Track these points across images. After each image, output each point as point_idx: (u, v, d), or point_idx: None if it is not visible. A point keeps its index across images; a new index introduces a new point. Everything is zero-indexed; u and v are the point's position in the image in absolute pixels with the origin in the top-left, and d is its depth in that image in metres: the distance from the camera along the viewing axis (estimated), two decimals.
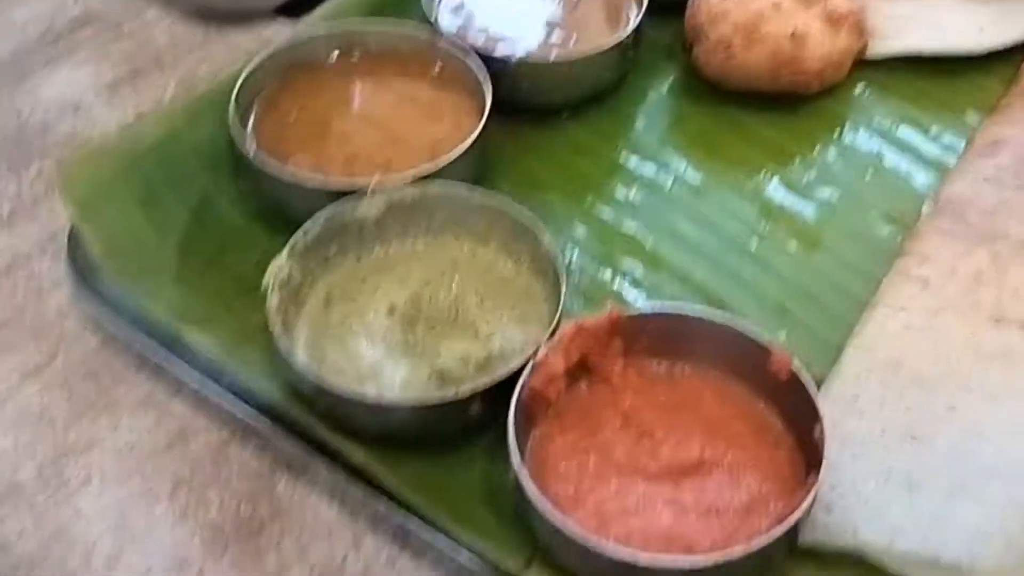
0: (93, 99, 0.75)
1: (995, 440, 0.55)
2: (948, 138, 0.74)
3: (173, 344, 0.59)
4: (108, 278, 0.61)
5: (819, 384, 0.57)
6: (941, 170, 0.72)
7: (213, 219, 0.65)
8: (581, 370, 0.56)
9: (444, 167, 0.63)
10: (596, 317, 0.56)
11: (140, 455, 0.57)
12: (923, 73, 0.79)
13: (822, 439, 0.51)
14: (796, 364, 0.54)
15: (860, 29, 0.76)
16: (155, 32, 0.81)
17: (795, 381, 0.53)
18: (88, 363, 0.60)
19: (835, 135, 0.75)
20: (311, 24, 0.72)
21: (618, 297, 0.64)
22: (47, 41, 0.80)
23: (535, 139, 0.73)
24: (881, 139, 0.75)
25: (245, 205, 0.66)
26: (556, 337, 0.55)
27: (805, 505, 0.49)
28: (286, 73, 0.69)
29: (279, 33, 0.79)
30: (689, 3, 0.77)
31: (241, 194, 0.66)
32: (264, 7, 0.82)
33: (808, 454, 0.52)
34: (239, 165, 0.65)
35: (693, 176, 0.72)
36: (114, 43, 0.80)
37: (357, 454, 0.54)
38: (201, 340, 0.59)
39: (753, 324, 0.57)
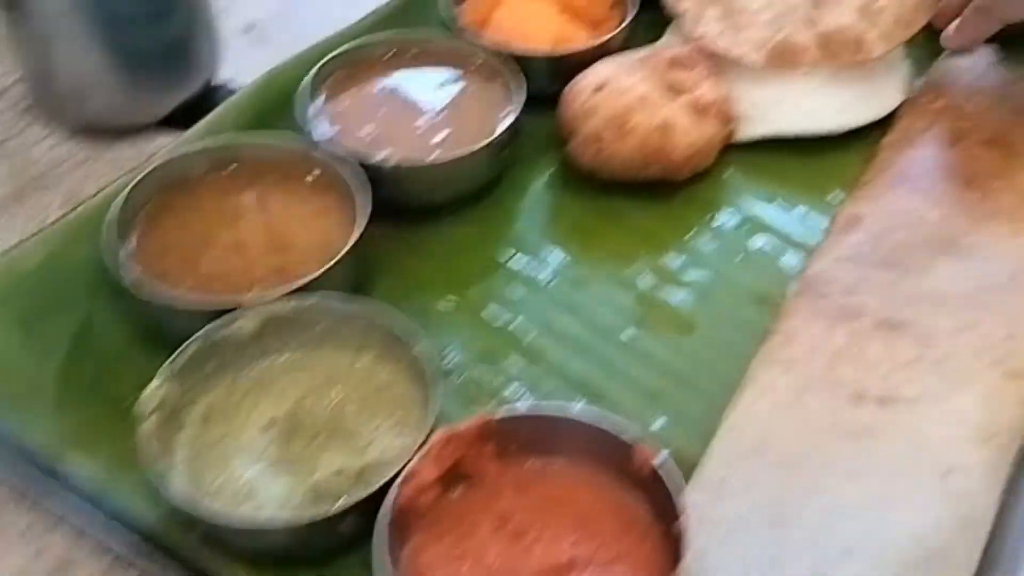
0: None
1: (856, 518, 0.57)
2: (813, 217, 0.78)
3: (52, 473, 0.59)
4: None
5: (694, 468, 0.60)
6: (807, 249, 0.75)
7: (93, 343, 0.66)
8: (456, 476, 0.58)
9: (323, 275, 0.65)
10: (467, 423, 0.57)
11: None
12: (789, 153, 0.82)
13: (682, 535, 0.52)
14: (658, 460, 0.56)
15: (726, 116, 0.79)
16: (37, 151, 0.82)
17: (658, 476, 0.55)
18: None
19: (706, 219, 0.78)
20: (187, 140, 0.74)
21: (498, 395, 0.66)
22: None
23: (416, 240, 0.74)
24: (749, 222, 0.78)
25: (126, 327, 0.67)
26: (427, 446, 0.56)
27: None
28: (164, 190, 0.70)
29: (163, 146, 0.80)
30: (561, 98, 0.80)
31: (121, 316, 0.67)
32: (147, 121, 0.83)
33: (675, 545, 0.54)
34: (117, 290, 0.66)
35: (571, 268, 0.74)
36: None
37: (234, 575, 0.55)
38: (80, 467, 0.60)
39: (629, 414, 0.59)
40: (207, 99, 0.86)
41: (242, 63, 0.90)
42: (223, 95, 0.85)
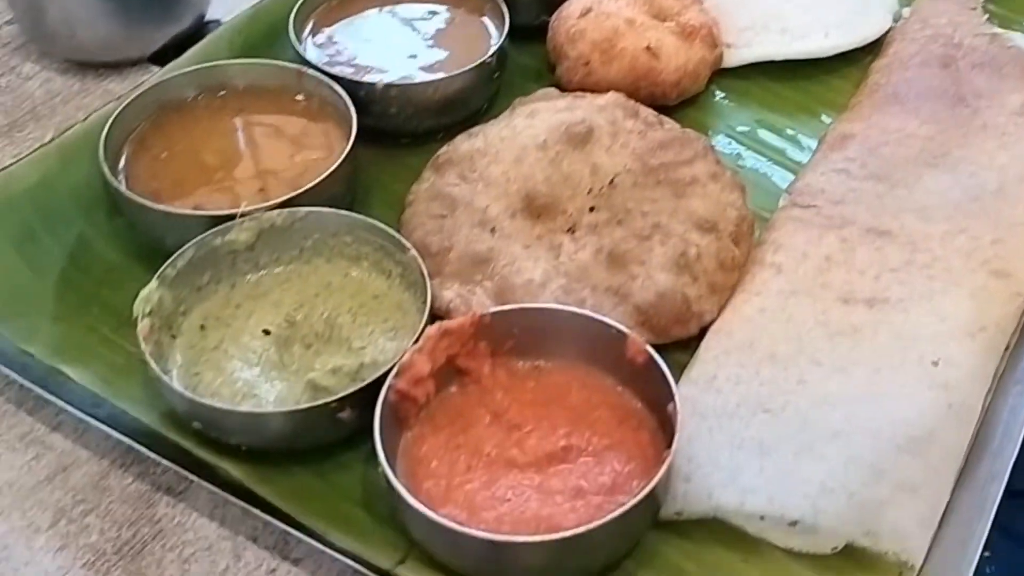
0: None
1: (841, 407, 0.58)
2: (803, 138, 0.79)
3: (52, 381, 0.60)
4: None
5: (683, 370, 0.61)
6: (797, 168, 0.76)
7: (90, 258, 0.67)
8: (451, 374, 0.58)
9: (312, 189, 0.65)
10: (460, 320, 0.58)
11: (20, 491, 0.57)
12: (778, 78, 0.83)
13: (675, 414, 0.53)
14: (649, 350, 0.56)
15: (713, 40, 0.80)
16: (31, 85, 0.82)
17: (650, 365, 0.56)
18: None
19: None
20: (177, 66, 0.74)
21: None
22: None
23: (408, 162, 0.75)
24: (740, 144, 0.78)
25: (121, 242, 0.68)
26: (420, 340, 0.57)
27: (660, 475, 0.51)
28: (155, 114, 0.71)
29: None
30: (550, 25, 0.80)
31: (116, 232, 0.68)
32: (138, 55, 0.83)
33: (668, 434, 0.54)
34: (113, 203, 0.67)
35: None
36: None
37: (234, 470, 0.55)
38: (80, 375, 0.60)
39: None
40: (199, 35, 0.86)
41: (232, 1, 0.90)
42: (214, 31, 0.86)
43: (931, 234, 0.68)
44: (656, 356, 0.56)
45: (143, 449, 0.57)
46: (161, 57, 0.83)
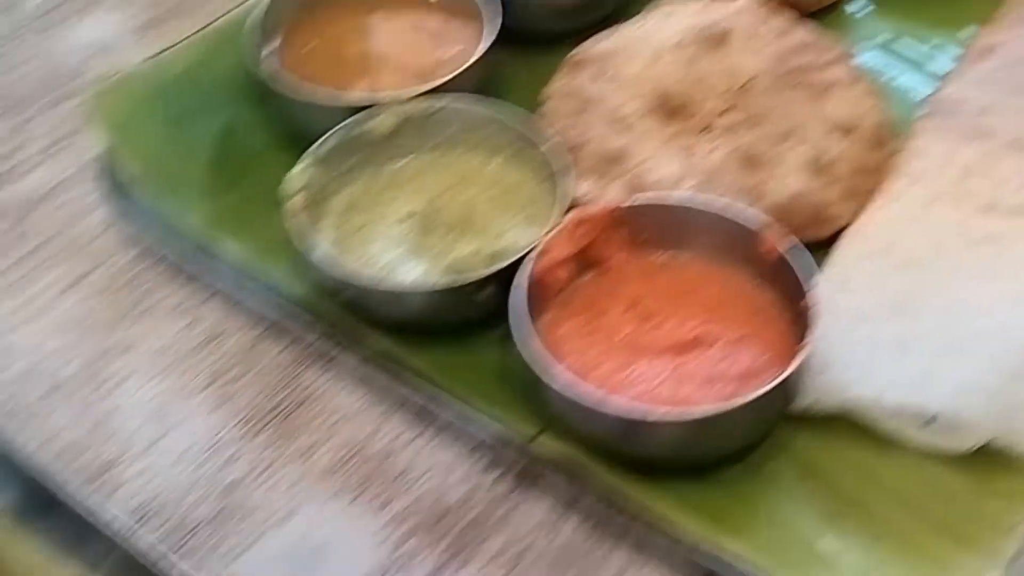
0: (122, 42, 0.80)
1: (983, 313, 0.57)
2: (947, 50, 0.77)
3: (204, 254, 0.63)
4: (142, 195, 0.65)
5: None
6: (938, 80, 0.74)
7: (238, 141, 0.70)
8: (587, 261, 0.60)
9: (450, 82, 0.66)
10: (599, 207, 0.59)
11: (176, 355, 0.61)
12: None
13: (812, 308, 0.54)
14: (785, 245, 0.57)
15: None
16: None
17: (786, 262, 0.56)
18: (126, 274, 0.65)
19: None
20: None
21: None
22: None
23: (545, 62, 0.75)
24: (881, 54, 0.77)
25: (267, 131, 0.70)
26: (559, 226, 0.58)
27: (796, 363, 0.52)
28: (304, 5, 0.73)
29: None
30: None
31: (262, 121, 0.70)
32: None
33: (802, 328, 0.55)
34: (259, 91, 0.69)
35: None
36: None
37: (380, 342, 0.58)
38: (231, 249, 0.63)
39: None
40: None
41: None
42: None
43: None
44: (791, 255, 0.56)
45: (292, 319, 0.59)
46: None
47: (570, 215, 0.58)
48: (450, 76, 0.66)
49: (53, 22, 0.81)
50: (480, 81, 0.69)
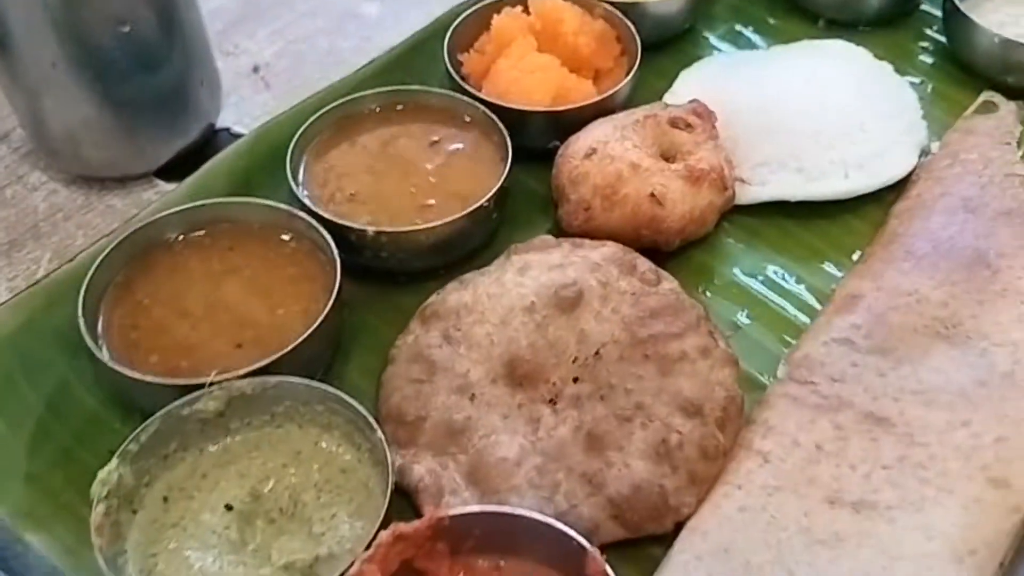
0: None
1: None
2: (812, 290, 0.75)
3: (12, 547, 0.60)
4: None
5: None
6: (802, 326, 0.73)
7: (68, 406, 0.67)
8: (410, 573, 0.57)
9: (289, 353, 0.64)
10: (418, 522, 0.56)
11: None
12: (794, 216, 0.80)
13: None
14: (608, 571, 0.54)
15: (723, 183, 0.77)
16: (36, 197, 0.82)
17: None
18: None
19: (698, 289, 0.75)
20: (171, 201, 0.73)
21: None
22: None
23: (400, 303, 0.73)
24: (743, 294, 0.75)
25: (101, 389, 0.67)
26: (372, 548, 0.55)
27: None
28: (141, 255, 0.71)
29: (163, 192, 0.81)
30: (555, 161, 0.78)
31: (92, 384, 0.67)
32: (145, 169, 0.83)
33: None
34: (92, 356, 0.66)
35: None
36: None
37: None
38: (41, 541, 0.60)
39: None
40: (208, 145, 0.85)
41: (246, 106, 0.90)
42: (225, 140, 0.85)
43: (931, 424, 0.64)
44: None
45: None
46: (167, 171, 0.83)
47: (385, 534, 0.56)
48: (286, 350, 0.64)
49: None
50: (321, 345, 0.67)
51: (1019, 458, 0.62)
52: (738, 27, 0.95)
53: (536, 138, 0.80)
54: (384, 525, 0.57)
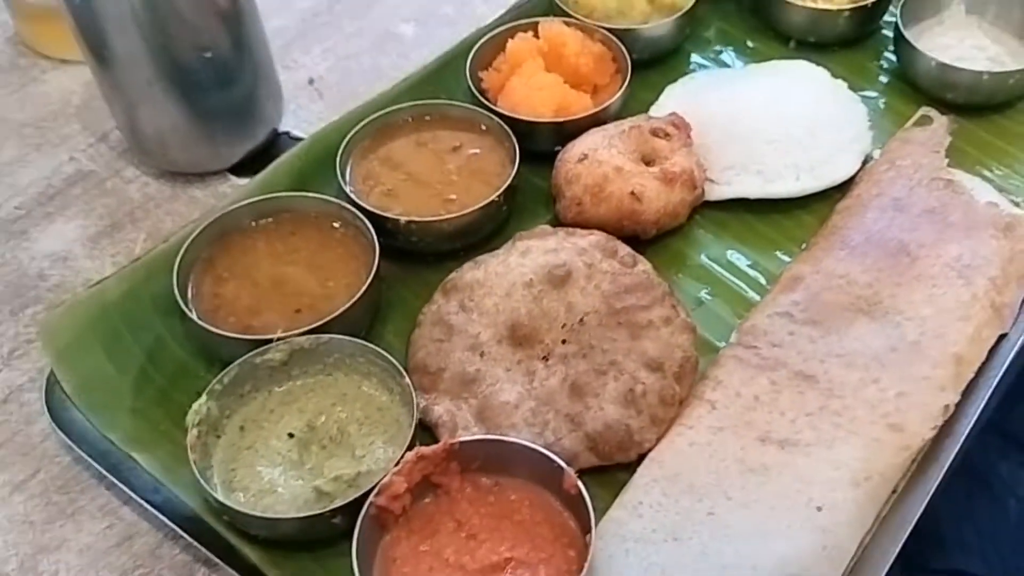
0: (78, 251, 0.94)
1: (739, 541, 0.71)
2: (765, 273, 0.91)
3: (124, 464, 0.78)
4: (77, 410, 0.80)
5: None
6: (754, 303, 0.89)
7: (163, 359, 0.84)
8: (428, 485, 0.74)
9: (337, 317, 0.81)
10: (436, 446, 0.73)
11: (96, 553, 0.75)
12: (756, 211, 0.95)
13: (588, 546, 0.68)
14: (580, 485, 0.71)
15: (693, 183, 0.93)
16: (131, 188, 1.00)
17: (580, 498, 0.71)
18: (61, 478, 0.79)
19: (671, 271, 0.91)
20: (241, 196, 0.90)
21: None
22: (45, 198, 0.99)
23: (428, 279, 0.89)
24: (707, 275, 0.91)
25: (189, 345, 0.85)
26: (400, 464, 0.72)
27: None
28: (221, 237, 0.88)
29: (236, 185, 0.98)
30: (555, 164, 0.94)
31: (185, 337, 0.85)
32: (220, 166, 1.00)
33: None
34: (182, 316, 0.84)
35: None
36: (99, 199, 0.99)
37: (252, 555, 0.72)
38: (145, 461, 0.78)
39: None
40: (272, 146, 1.02)
41: (303, 113, 1.07)
42: (286, 143, 1.02)
43: (848, 381, 0.80)
44: (584, 493, 0.70)
45: (188, 529, 0.74)
46: (236, 170, 1.00)
47: (411, 453, 0.73)
48: (335, 314, 0.81)
49: (23, 228, 0.96)
50: (362, 312, 0.84)
51: (914, 408, 0.78)
52: (720, 48, 1.11)
53: (541, 144, 0.97)
54: (410, 450, 0.74)
